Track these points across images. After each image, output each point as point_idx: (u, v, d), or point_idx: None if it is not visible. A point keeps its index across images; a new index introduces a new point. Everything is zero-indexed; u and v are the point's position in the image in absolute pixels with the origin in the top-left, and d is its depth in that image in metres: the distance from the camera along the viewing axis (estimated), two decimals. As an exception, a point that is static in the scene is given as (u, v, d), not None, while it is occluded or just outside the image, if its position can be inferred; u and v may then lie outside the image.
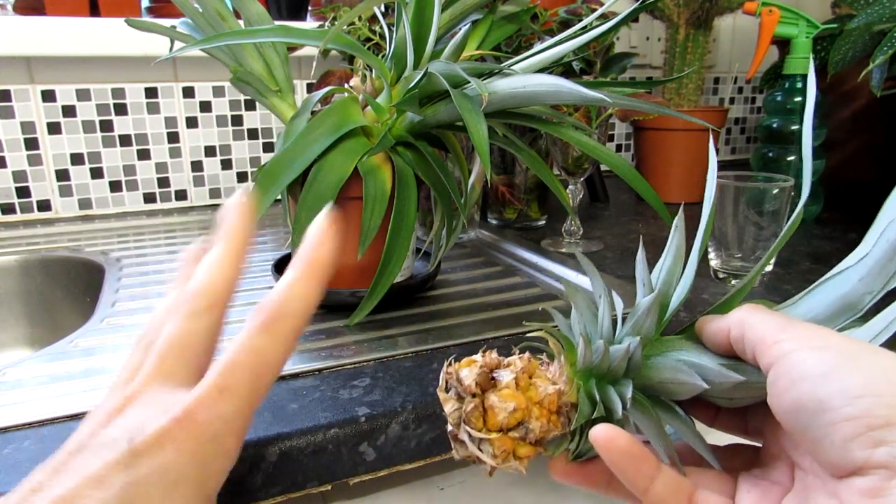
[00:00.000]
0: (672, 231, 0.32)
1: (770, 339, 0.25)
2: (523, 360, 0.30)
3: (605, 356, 0.29)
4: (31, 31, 0.79)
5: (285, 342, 0.27)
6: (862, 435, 0.21)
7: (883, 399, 0.21)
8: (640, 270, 0.32)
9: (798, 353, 0.23)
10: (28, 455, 0.34)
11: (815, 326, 0.25)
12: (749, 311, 0.27)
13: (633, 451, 0.27)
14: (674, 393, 0.29)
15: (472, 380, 0.28)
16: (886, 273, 0.25)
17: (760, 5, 0.80)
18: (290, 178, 0.46)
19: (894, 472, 0.20)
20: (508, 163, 0.81)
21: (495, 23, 0.58)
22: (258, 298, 0.57)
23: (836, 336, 0.24)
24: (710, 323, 0.29)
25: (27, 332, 0.73)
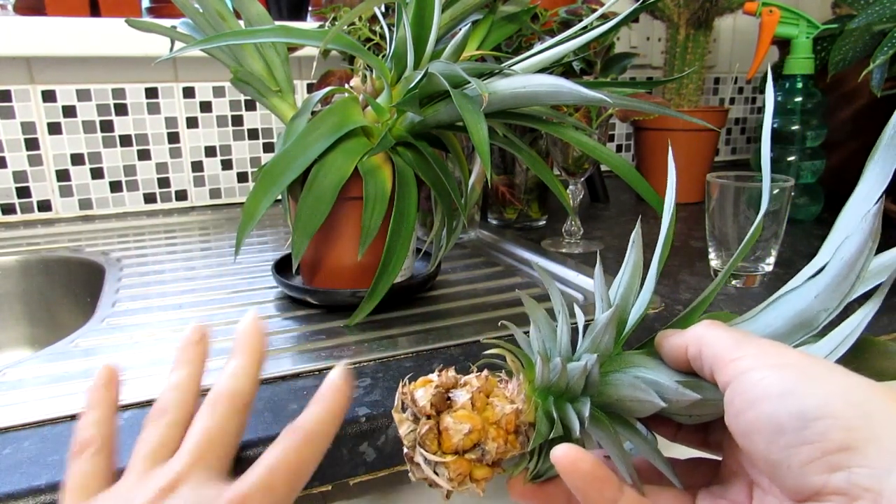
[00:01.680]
0: (629, 246, 0.32)
1: (727, 356, 0.24)
2: (480, 378, 0.30)
3: (562, 374, 0.29)
4: (32, 32, 0.79)
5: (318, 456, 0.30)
6: (818, 459, 0.20)
7: (839, 422, 0.20)
8: (597, 286, 0.32)
9: (754, 371, 0.23)
10: (28, 455, 0.34)
11: (771, 343, 0.25)
12: (706, 327, 0.27)
13: (596, 474, 0.27)
14: (633, 410, 0.29)
15: (427, 401, 0.28)
16: (842, 291, 0.25)
17: (761, 5, 0.80)
18: (290, 178, 0.46)
19: (851, 498, 0.20)
20: (509, 163, 0.81)
21: (495, 23, 0.58)
22: (258, 298, 0.57)
23: (793, 353, 0.24)
24: (667, 339, 0.28)
25: (27, 332, 0.73)
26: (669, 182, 0.32)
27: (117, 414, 0.33)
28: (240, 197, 0.98)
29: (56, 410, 0.38)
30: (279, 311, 0.55)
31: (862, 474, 0.19)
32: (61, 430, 0.37)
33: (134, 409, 0.39)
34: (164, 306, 0.56)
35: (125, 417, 0.38)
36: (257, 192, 0.46)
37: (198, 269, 0.66)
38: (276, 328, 0.51)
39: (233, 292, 0.59)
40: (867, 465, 0.19)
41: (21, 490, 0.31)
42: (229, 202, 0.97)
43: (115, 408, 0.33)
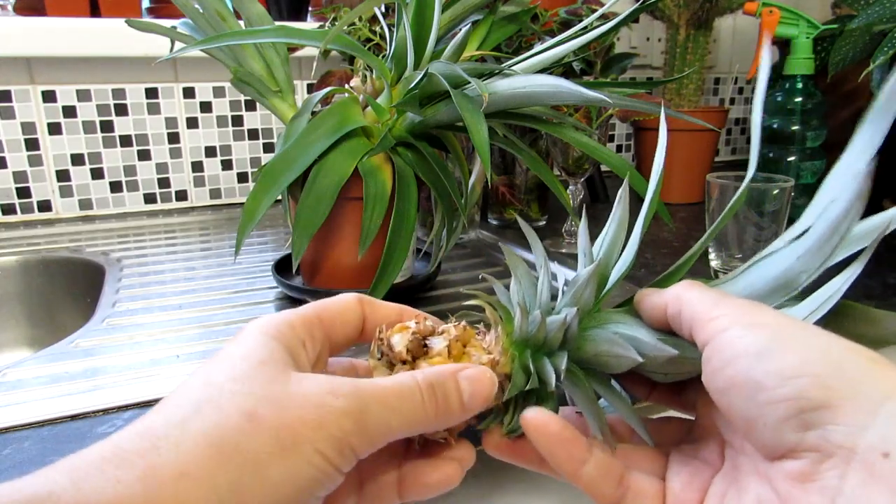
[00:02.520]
0: (616, 202, 0.32)
1: (705, 315, 0.24)
2: (458, 328, 0.29)
3: (541, 326, 0.29)
4: (32, 32, 0.79)
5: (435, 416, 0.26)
6: (794, 417, 0.21)
7: (818, 380, 0.20)
8: (581, 241, 0.32)
9: (732, 330, 0.23)
10: (28, 455, 0.34)
11: (750, 303, 0.25)
12: (685, 287, 0.27)
13: (563, 436, 0.27)
14: (609, 366, 0.29)
15: (403, 346, 0.28)
16: (824, 253, 0.25)
17: (761, 6, 0.80)
18: (290, 179, 0.46)
19: (824, 455, 0.20)
20: (509, 163, 0.81)
21: (496, 23, 0.58)
22: (258, 298, 0.57)
23: (772, 312, 0.24)
24: (647, 298, 0.28)
25: (27, 333, 0.73)
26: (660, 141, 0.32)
27: None
28: (240, 197, 0.98)
29: (56, 410, 0.38)
30: (279, 312, 0.54)
31: (837, 431, 0.20)
32: (61, 430, 0.37)
33: (134, 409, 0.39)
34: (164, 306, 0.56)
35: (125, 417, 0.38)
36: (257, 193, 0.46)
37: (198, 269, 0.66)
38: (276, 328, 0.51)
39: (233, 292, 0.59)
40: (842, 422, 0.20)
41: (21, 490, 0.31)
42: (229, 202, 0.97)
43: None
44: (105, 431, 0.37)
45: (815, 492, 0.20)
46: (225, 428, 0.22)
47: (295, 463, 0.22)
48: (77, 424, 0.37)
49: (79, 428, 0.37)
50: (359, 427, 0.23)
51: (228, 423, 0.22)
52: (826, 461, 0.20)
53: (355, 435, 0.23)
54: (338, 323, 0.29)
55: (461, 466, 0.28)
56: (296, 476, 0.22)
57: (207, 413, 0.22)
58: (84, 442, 0.35)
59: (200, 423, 0.22)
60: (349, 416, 0.23)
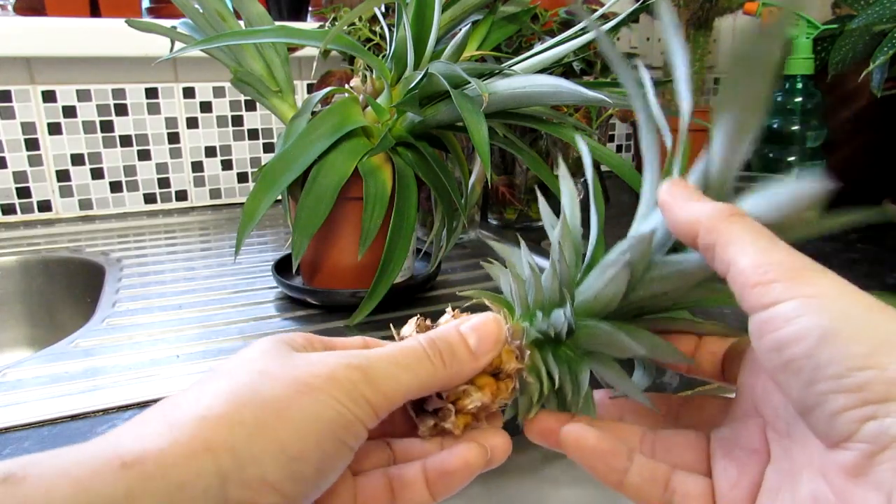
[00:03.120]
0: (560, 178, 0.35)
1: (752, 275, 0.22)
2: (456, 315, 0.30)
3: (537, 286, 0.29)
4: (32, 32, 0.79)
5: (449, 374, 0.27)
6: (856, 409, 0.20)
7: (885, 373, 0.19)
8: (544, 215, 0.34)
9: (789, 304, 0.21)
10: (28, 455, 0.34)
11: (802, 260, 0.22)
12: (726, 217, 0.23)
13: (601, 448, 0.26)
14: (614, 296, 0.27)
15: (413, 329, 0.29)
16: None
17: (761, 6, 0.80)
18: (290, 179, 0.46)
19: (878, 447, 0.19)
20: (509, 163, 0.81)
21: (496, 23, 0.58)
22: (258, 298, 0.57)
23: (831, 278, 0.22)
24: (678, 206, 0.25)
25: (27, 333, 0.73)
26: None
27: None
28: (240, 197, 0.98)
29: (56, 410, 0.38)
30: (279, 312, 0.55)
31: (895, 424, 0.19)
32: (61, 430, 0.37)
33: (134, 409, 0.39)
34: (164, 306, 0.56)
35: (125, 417, 0.38)
36: (257, 192, 0.46)
37: (198, 269, 0.66)
38: (276, 328, 0.51)
39: (233, 292, 0.59)
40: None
41: (21, 490, 0.31)
42: (229, 202, 0.97)
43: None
44: (105, 431, 0.36)
45: (871, 487, 0.19)
46: (240, 381, 0.23)
47: (314, 405, 0.22)
48: (77, 424, 0.37)
49: (79, 428, 0.37)
50: (367, 378, 0.24)
51: (243, 378, 0.23)
52: (880, 454, 0.19)
53: (366, 385, 0.24)
54: (338, 345, 0.30)
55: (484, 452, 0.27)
56: (316, 415, 0.22)
57: (222, 378, 0.23)
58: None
59: (217, 383, 0.23)
60: (357, 368, 0.24)
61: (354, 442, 0.24)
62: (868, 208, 0.25)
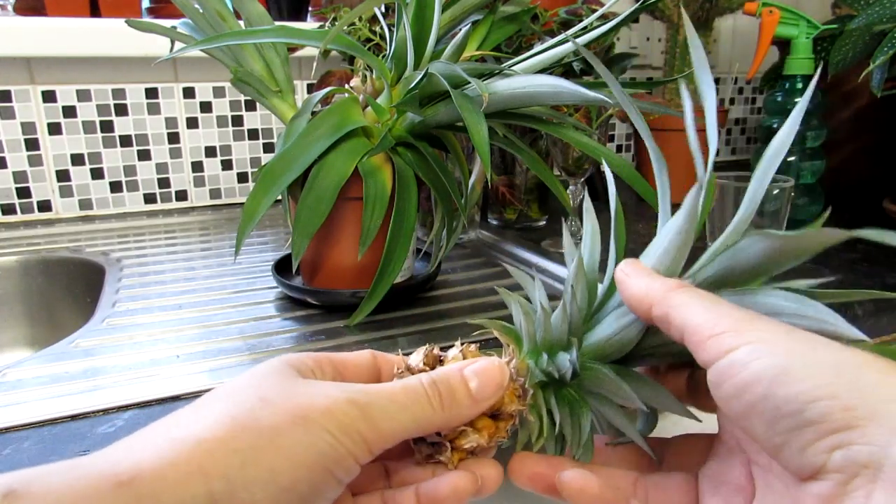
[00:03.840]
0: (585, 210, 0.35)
1: (704, 331, 0.23)
2: (468, 346, 0.30)
3: (546, 324, 0.29)
4: (32, 32, 0.79)
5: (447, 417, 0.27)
6: (820, 440, 0.20)
7: (836, 402, 0.20)
8: (567, 244, 0.33)
9: (740, 351, 0.22)
10: (28, 455, 0.34)
11: (748, 312, 0.24)
12: (673, 289, 0.25)
13: (605, 497, 0.27)
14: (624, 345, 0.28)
15: (421, 360, 0.29)
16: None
17: (761, 6, 0.80)
18: (290, 179, 0.46)
19: (849, 476, 0.20)
20: (509, 163, 0.81)
21: (496, 23, 0.58)
22: (258, 298, 0.57)
23: (773, 324, 0.23)
24: (630, 282, 0.27)
25: (27, 333, 0.73)
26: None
27: None
28: (240, 197, 0.98)
29: (56, 410, 0.38)
30: (279, 312, 0.55)
31: (861, 451, 0.20)
32: (61, 430, 0.37)
33: (134, 409, 0.39)
34: (164, 306, 0.56)
35: (125, 418, 0.38)
36: (257, 193, 0.46)
37: (198, 269, 0.66)
38: (276, 328, 0.51)
39: (233, 292, 0.59)
40: (866, 441, 0.20)
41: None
42: (229, 202, 0.97)
43: None
44: (105, 431, 0.37)
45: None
46: (242, 406, 0.24)
47: (308, 436, 0.23)
48: (77, 424, 0.37)
49: (79, 428, 0.37)
50: (365, 415, 0.24)
51: (245, 404, 0.24)
52: (851, 482, 0.20)
53: (362, 422, 0.24)
54: (349, 365, 0.30)
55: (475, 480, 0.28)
56: (310, 447, 0.23)
57: (224, 399, 0.24)
58: (84, 442, 0.35)
59: (218, 405, 0.24)
60: (355, 404, 0.24)
61: (345, 475, 0.24)
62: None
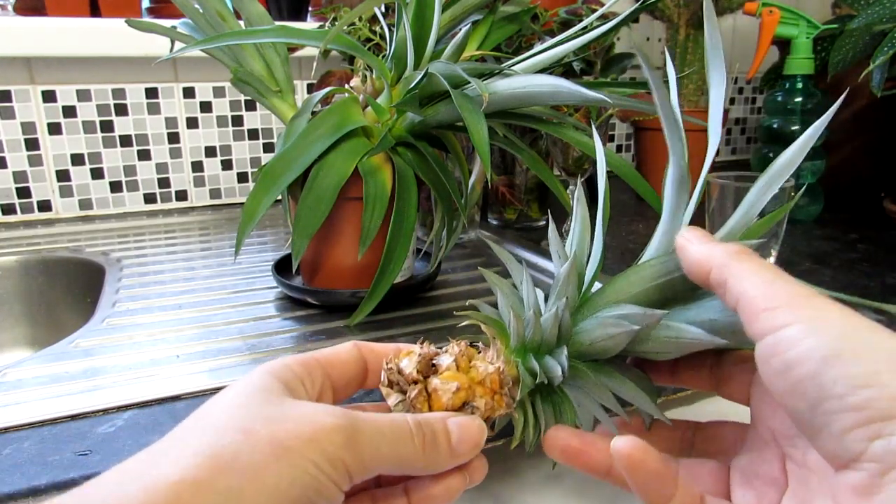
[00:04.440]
0: (574, 202, 0.34)
1: (758, 304, 0.23)
2: (460, 345, 0.31)
3: (536, 326, 0.30)
4: (32, 32, 0.79)
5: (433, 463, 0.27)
6: (862, 427, 0.20)
7: (886, 391, 0.20)
8: (552, 242, 0.33)
9: (793, 328, 0.22)
10: (28, 455, 0.34)
11: (806, 289, 0.23)
12: (735, 256, 0.25)
13: (660, 472, 0.26)
14: (608, 349, 0.29)
15: (413, 368, 0.29)
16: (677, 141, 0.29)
17: (761, 6, 0.80)
18: (290, 179, 0.46)
19: (887, 466, 0.20)
20: (509, 163, 0.81)
21: (496, 23, 0.58)
22: (258, 298, 0.57)
23: (831, 305, 0.23)
24: (692, 247, 0.26)
25: (27, 333, 0.73)
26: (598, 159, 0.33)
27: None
28: (240, 197, 0.98)
29: (56, 410, 0.38)
30: (279, 312, 0.55)
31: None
32: (61, 430, 0.37)
33: (133, 409, 0.39)
34: (164, 306, 0.56)
35: (125, 417, 0.38)
36: (257, 192, 0.46)
37: (198, 269, 0.66)
38: (276, 328, 0.51)
39: (233, 292, 0.59)
40: None
41: (21, 490, 0.31)
42: (229, 202, 0.97)
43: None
44: (105, 431, 0.36)
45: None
46: (222, 441, 0.23)
47: (290, 470, 0.23)
48: (77, 424, 0.37)
49: (79, 428, 0.37)
50: (350, 443, 0.24)
51: (225, 438, 0.23)
52: (889, 473, 0.20)
53: (347, 450, 0.24)
54: (336, 363, 0.30)
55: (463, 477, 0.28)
56: (292, 482, 0.23)
57: (206, 431, 0.23)
58: (84, 442, 0.35)
59: (199, 439, 0.23)
60: (341, 431, 0.24)
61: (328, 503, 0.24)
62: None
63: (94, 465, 0.33)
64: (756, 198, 0.29)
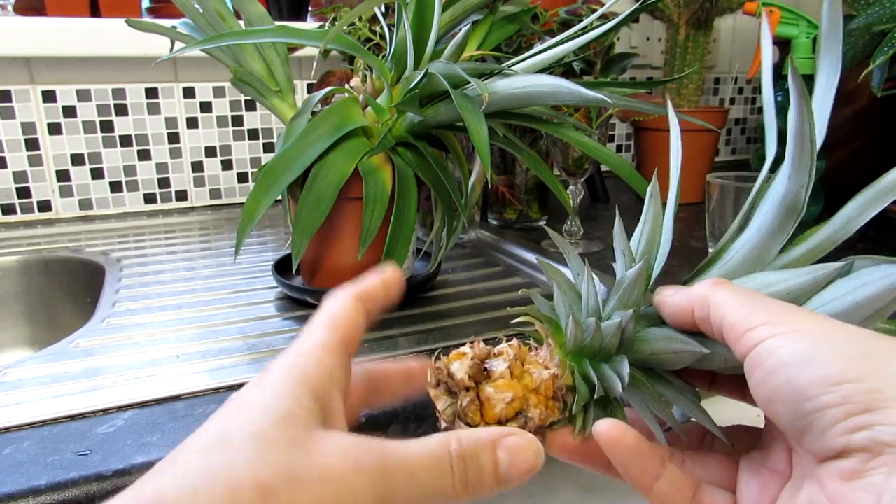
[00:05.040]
0: (647, 199, 0.31)
1: (741, 326, 0.24)
2: (514, 347, 0.29)
3: (596, 333, 0.28)
4: (32, 32, 0.79)
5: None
6: (842, 422, 0.21)
7: (862, 385, 0.21)
8: (618, 240, 0.31)
9: (772, 340, 0.23)
10: (28, 455, 0.34)
11: (782, 305, 0.24)
12: (712, 288, 0.26)
13: (640, 449, 0.26)
14: (668, 363, 0.28)
15: (465, 373, 0.28)
16: (805, 163, 0.27)
17: (761, 6, 0.80)
18: (290, 179, 0.46)
19: (872, 454, 0.20)
20: (509, 163, 0.81)
21: (496, 23, 0.58)
22: (258, 298, 0.57)
23: (810, 315, 0.24)
24: (669, 299, 0.27)
25: (27, 333, 0.73)
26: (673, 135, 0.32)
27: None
28: (240, 197, 0.98)
29: (56, 410, 0.38)
30: (279, 312, 0.54)
31: (885, 431, 0.20)
32: (61, 430, 0.37)
33: (133, 409, 0.39)
34: (164, 306, 0.56)
35: (125, 418, 0.38)
36: (257, 192, 0.46)
37: (198, 269, 0.66)
38: (276, 328, 0.51)
39: (233, 292, 0.59)
40: (890, 422, 0.20)
41: (21, 490, 0.31)
42: (229, 202, 0.97)
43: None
44: (105, 431, 0.36)
45: (862, 489, 0.20)
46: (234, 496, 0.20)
47: None
48: (77, 424, 0.37)
49: (79, 428, 0.37)
50: (380, 495, 0.22)
51: (241, 498, 0.20)
52: (874, 459, 0.20)
53: (376, 500, 0.22)
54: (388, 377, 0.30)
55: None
56: None
57: (221, 482, 0.20)
58: (84, 442, 0.35)
59: (212, 495, 0.20)
60: (370, 491, 0.22)
61: None
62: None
63: (94, 466, 0.33)
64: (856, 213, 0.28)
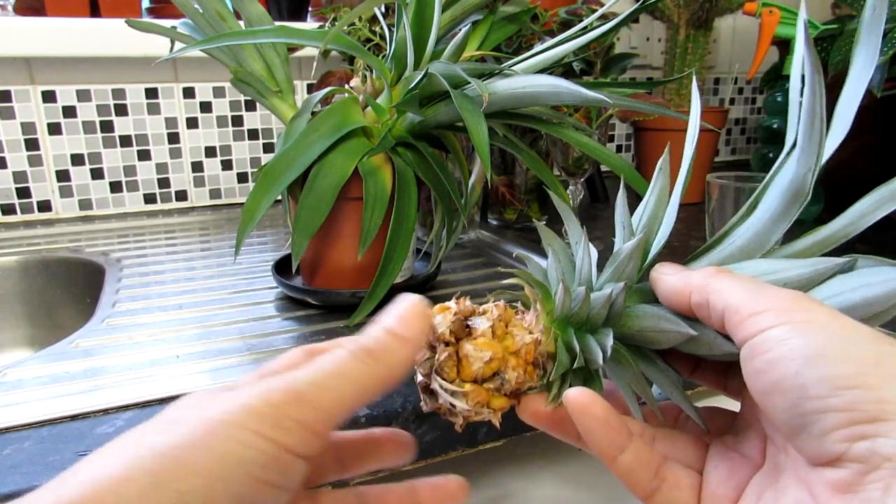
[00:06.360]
0: (656, 172, 0.30)
1: (744, 310, 0.22)
2: (499, 308, 0.28)
3: (585, 303, 0.27)
4: (32, 32, 0.79)
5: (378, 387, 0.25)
6: (844, 428, 0.20)
7: (872, 393, 0.19)
8: (620, 212, 0.30)
9: (777, 329, 0.21)
10: (28, 455, 0.34)
11: (792, 294, 0.23)
12: (713, 275, 0.25)
13: (607, 420, 0.26)
14: (654, 342, 0.27)
15: (447, 327, 0.27)
16: (814, 144, 0.26)
17: (761, 6, 0.80)
18: (290, 179, 0.46)
19: (870, 467, 0.19)
20: (509, 163, 0.81)
21: (496, 23, 0.58)
22: (258, 298, 0.57)
23: (819, 307, 0.22)
24: (667, 278, 0.26)
25: (27, 333, 0.73)
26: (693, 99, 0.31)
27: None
28: (240, 197, 0.98)
29: (56, 410, 0.38)
30: (279, 312, 0.55)
31: (887, 444, 0.19)
32: (61, 430, 0.37)
33: (134, 409, 0.39)
34: (164, 306, 0.56)
35: (125, 418, 0.38)
36: (257, 193, 0.46)
37: (198, 269, 0.66)
38: (276, 328, 0.51)
39: (233, 292, 0.59)
40: (894, 436, 0.19)
41: (21, 490, 0.31)
42: (229, 202, 0.97)
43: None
44: (105, 431, 0.37)
45: (856, 503, 0.19)
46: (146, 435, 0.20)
47: (221, 443, 0.20)
48: (77, 424, 0.37)
49: (79, 428, 0.37)
50: (295, 397, 0.21)
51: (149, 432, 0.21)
52: (871, 473, 0.19)
53: (294, 405, 0.21)
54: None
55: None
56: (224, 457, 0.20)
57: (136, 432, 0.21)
58: (84, 442, 0.35)
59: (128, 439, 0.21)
60: (280, 391, 0.21)
61: (283, 479, 0.21)
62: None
63: (94, 465, 0.33)
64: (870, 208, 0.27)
